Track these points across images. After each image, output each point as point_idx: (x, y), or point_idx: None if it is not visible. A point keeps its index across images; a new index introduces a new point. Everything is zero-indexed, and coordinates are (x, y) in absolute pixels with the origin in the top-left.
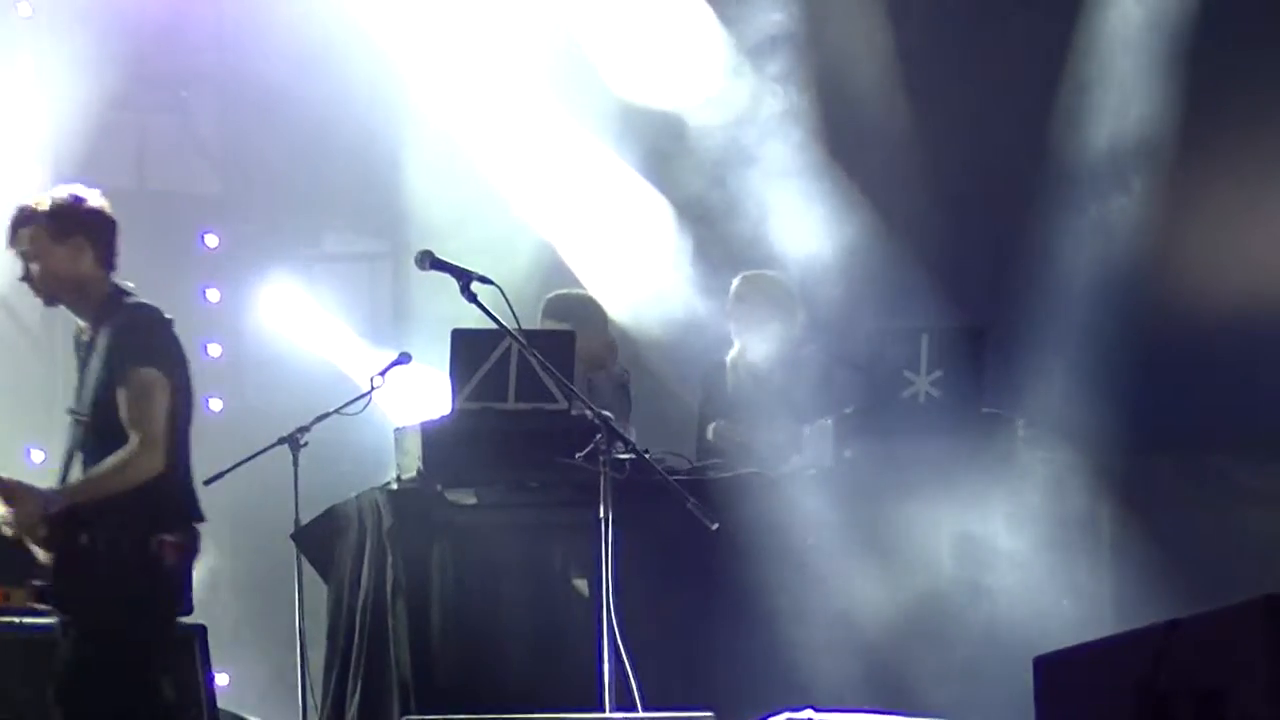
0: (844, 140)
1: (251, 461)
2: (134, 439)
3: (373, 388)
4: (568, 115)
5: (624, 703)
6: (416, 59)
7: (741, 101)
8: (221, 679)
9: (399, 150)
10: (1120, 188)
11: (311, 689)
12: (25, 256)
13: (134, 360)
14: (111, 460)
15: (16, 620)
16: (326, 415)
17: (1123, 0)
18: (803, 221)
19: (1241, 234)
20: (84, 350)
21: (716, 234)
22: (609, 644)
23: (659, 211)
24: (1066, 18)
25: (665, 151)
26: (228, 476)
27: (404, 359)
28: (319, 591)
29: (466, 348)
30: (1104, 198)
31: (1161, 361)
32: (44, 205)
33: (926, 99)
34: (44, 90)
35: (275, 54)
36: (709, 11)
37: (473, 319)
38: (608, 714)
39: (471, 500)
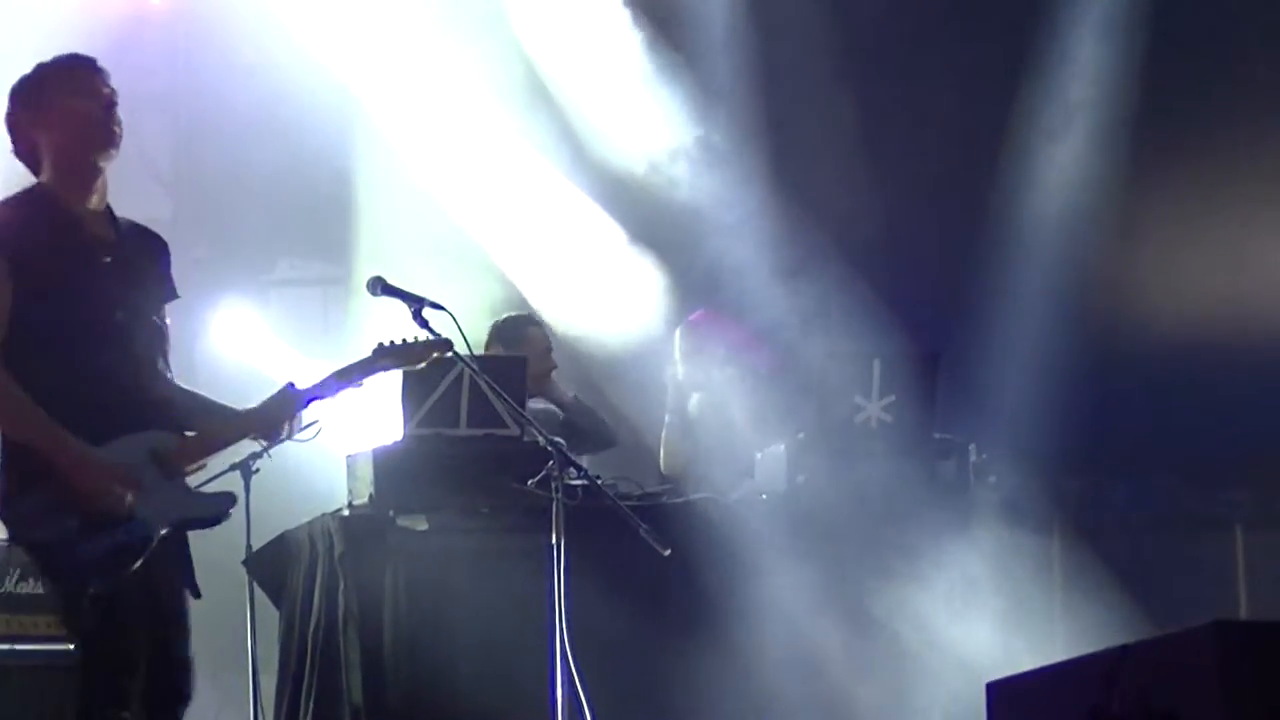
0: (794, 164)
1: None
2: None
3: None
4: (522, 141)
5: None
6: (370, 84)
7: (688, 127)
8: None
9: (352, 175)
10: (1071, 213)
11: (263, 714)
12: None
13: None
14: None
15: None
16: (279, 441)
17: (1076, 24)
18: (752, 247)
19: (1192, 258)
20: None
21: (668, 261)
22: (561, 669)
23: (612, 238)
24: (1020, 41)
25: (617, 178)
26: None
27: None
28: (271, 617)
29: (418, 374)
30: (1055, 222)
31: (1113, 385)
32: None
33: (877, 123)
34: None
35: (228, 78)
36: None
37: None
38: None
39: (423, 526)
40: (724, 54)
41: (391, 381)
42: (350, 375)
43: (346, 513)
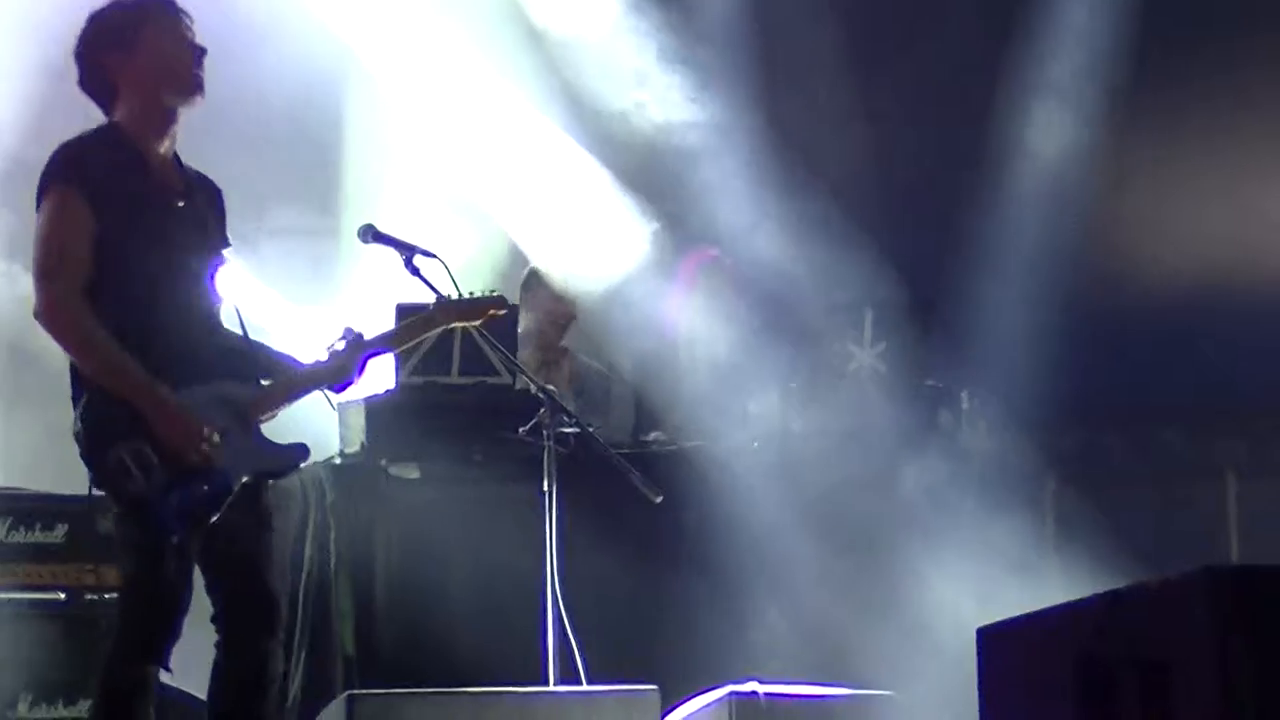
0: (787, 113)
1: None
2: None
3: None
4: (510, 86)
5: (568, 676)
6: (358, 30)
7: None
8: None
9: (341, 122)
10: (1065, 160)
11: None
12: None
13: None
14: None
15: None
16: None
17: None
18: (745, 196)
19: (1186, 205)
20: None
21: (660, 211)
22: (553, 618)
23: (600, 183)
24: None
25: (607, 123)
26: None
27: (349, 333)
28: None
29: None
30: (1049, 170)
31: (1105, 334)
32: None
33: (871, 72)
34: None
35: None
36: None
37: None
38: (552, 688)
39: (415, 474)
40: (718, 4)
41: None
42: (412, 331)
43: (338, 461)
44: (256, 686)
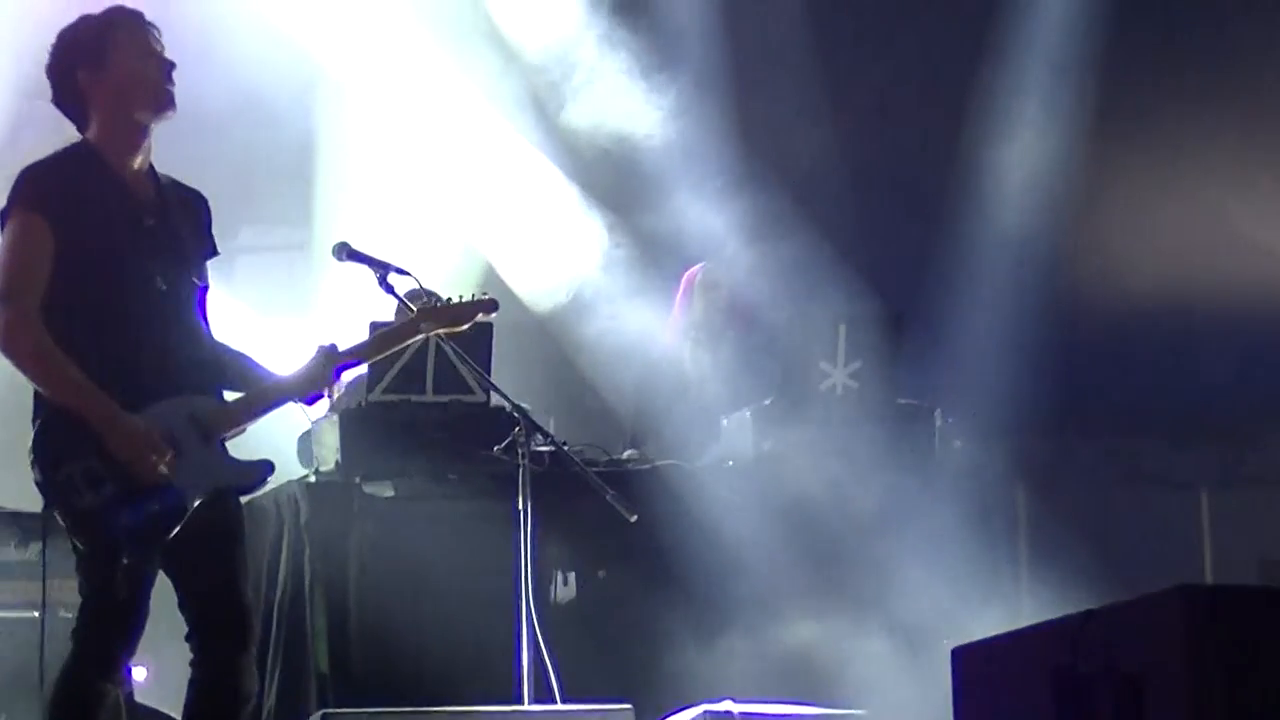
0: (759, 127)
1: None
2: None
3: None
4: (483, 103)
5: (542, 695)
6: (329, 46)
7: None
8: (139, 673)
9: (314, 140)
10: (1036, 174)
11: None
12: None
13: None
14: None
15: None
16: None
17: None
18: (718, 210)
19: (1155, 221)
20: None
21: (631, 225)
22: (528, 636)
23: (571, 199)
24: (984, 9)
25: (577, 144)
26: None
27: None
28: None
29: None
30: (1021, 183)
31: (1076, 349)
32: None
33: (842, 85)
34: None
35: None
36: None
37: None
38: (526, 706)
39: (390, 492)
40: (688, 12)
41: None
42: (391, 339)
43: (312, 479)
44: (231, 703)
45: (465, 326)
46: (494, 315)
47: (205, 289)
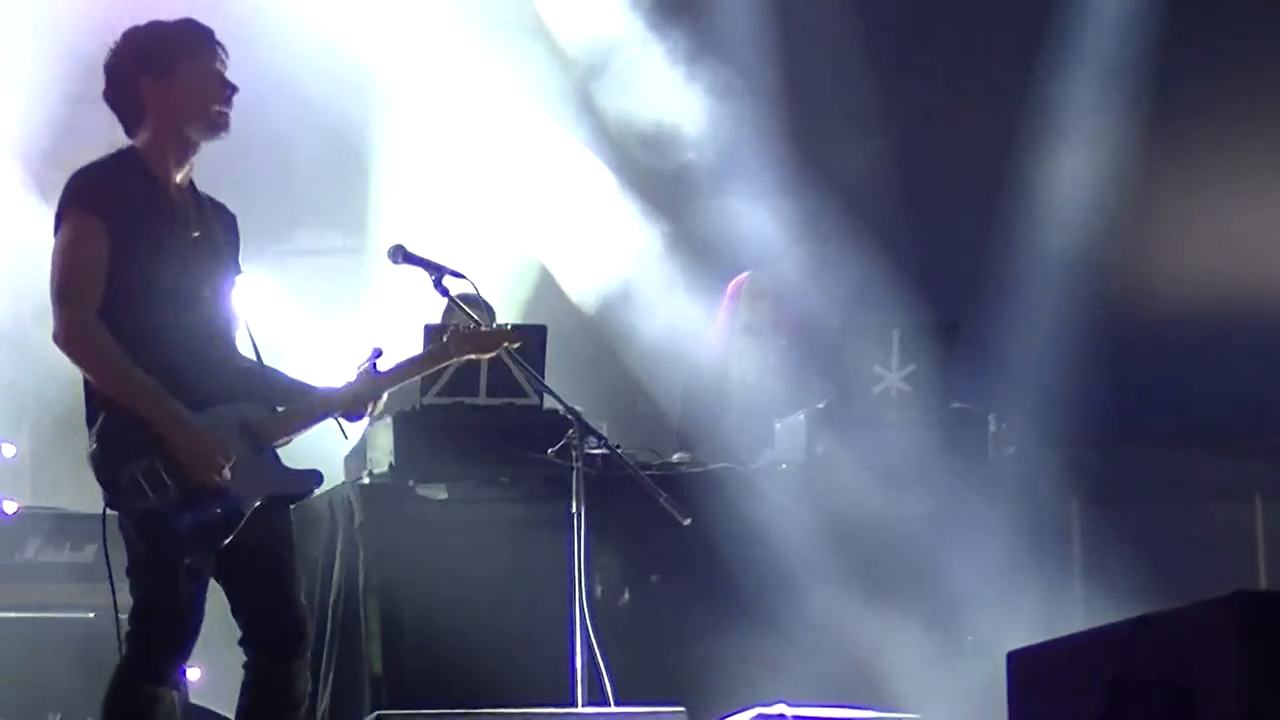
0: (813, 136)
1: None
2: None
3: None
4: (536, 105)
5: (595, 697)
6: (383, 50)
7: (710, 99)
8: (194, 674)
9: (368, 143)
10: (1088, 182)
11: None
12: None
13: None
14: None
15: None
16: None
17: None
18: (774, 218)
19: (1208, 230)
20: None
21: (685, 231)
22: (581, 638)
23: (623, 203)
24: (1043, 10)
25: (635, 151)
26: None
27: (378, 354)
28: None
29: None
30: (1073, 193)
31: (1131, 356)
32: None
33: (896, 94)
34: (9, 85)
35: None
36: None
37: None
38: (579, 709)
39: (443, 495)
40: (742, 19)
41: (410, 347)
42: (423, 362)
43: (366, 482)
44: (284, 707)
45: (491, 354)
46: (516, 345)
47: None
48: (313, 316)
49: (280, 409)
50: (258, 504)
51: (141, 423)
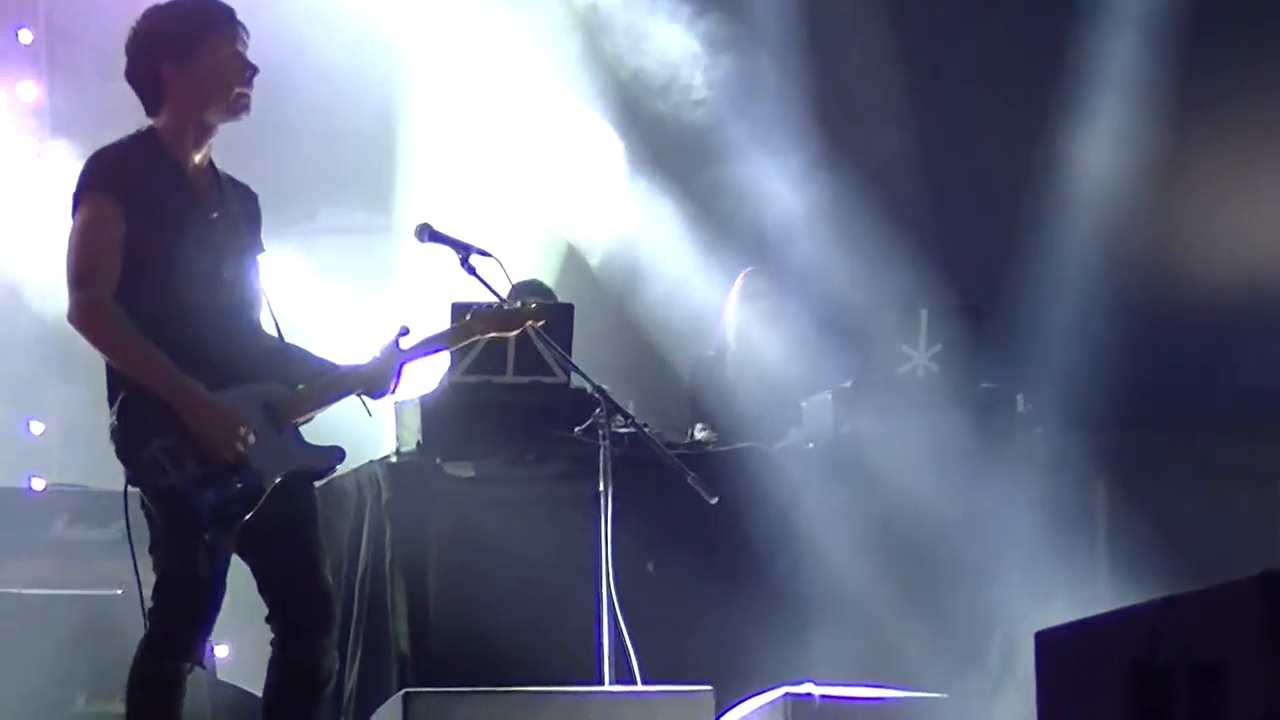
0: (839, 116)
1: None
2: None
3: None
4: (561, 82)
5: (622, 676)
6: (408, 26)
7: (740, 79)
8: (221, 651)
9: (394, 120)
10: (1117, 163)
11: None
12: None
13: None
14: None
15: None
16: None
17: None
18: (800, 199)
19: (1237, 208)
20: None
21: (712, 215)
22: (608, 617)
23: (655, 191)
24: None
25: (659, 129)
26: None
27: (404, 332)
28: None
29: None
30: (1101, 172)
31: (1157, 338)
32: None
33: (922, 72)
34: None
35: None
36: None
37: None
38: (606, 687)
39: (470, 473)
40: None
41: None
42: (447, 339)
43: (393, 459)
44: (311, 684)
45: (515, 332)
46: (541, 323)
47: (257, 275)
48: (339, 295)
49: (302, 386)
50: (279, 480)
51: (160, 400)
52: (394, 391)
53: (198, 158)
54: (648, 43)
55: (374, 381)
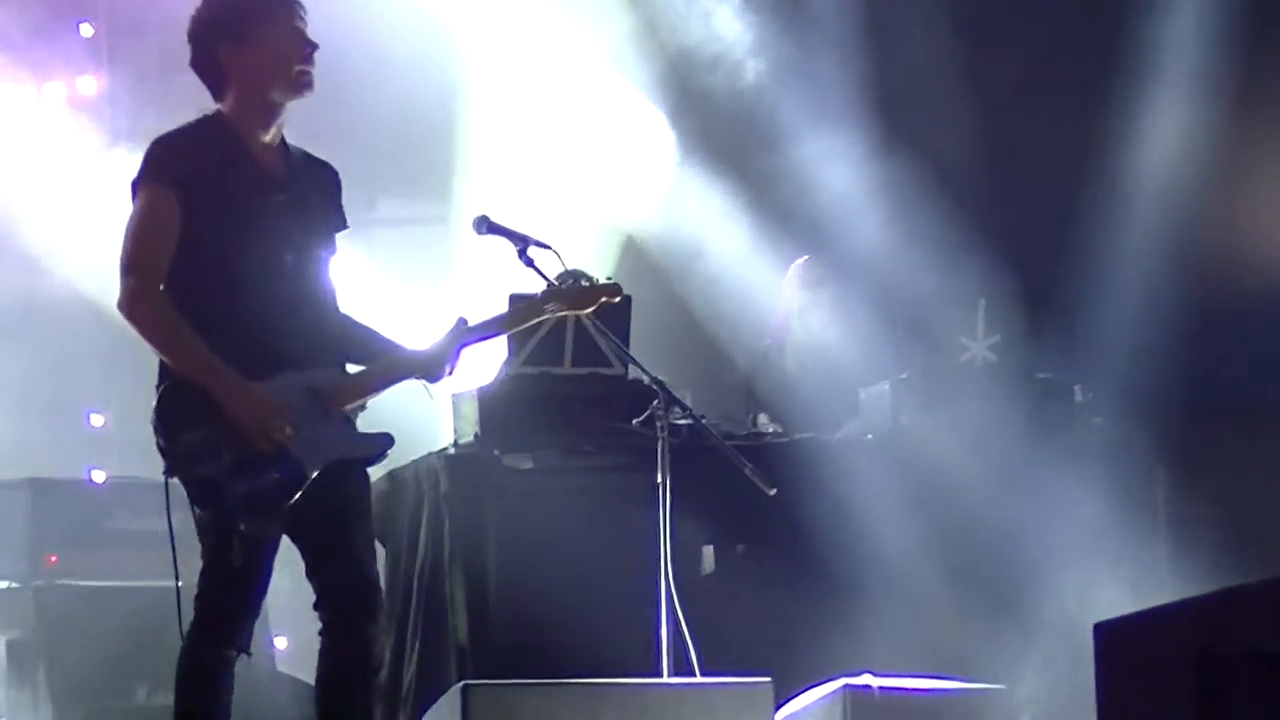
0: (900, 103)
1: None
2: None
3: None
4: (618, 74)
5: (681, 668)
6: (468, 18)
7: (797, 64)
8: (280, 643)
9: (453, 111)
10: (1178, 154)
11: None
12: None
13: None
14: None
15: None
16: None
17: None
18: (860, 187)
19: None
20: None
21: (772, 203)
22: (667, 610)
23: (714, 181)
24: None
25: (719, 116)
26: None
27: (461, 323)
28: (377, 556)
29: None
30: (1163, 162)
31: (1217, 325)
32: None
33: (984, 60)
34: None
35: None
36: None
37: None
38: (665, 679)
39: (528, 465)
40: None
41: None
42: (516, 319)
43: (452, 451)
44: (360, 671)
45: (590, 309)
46: (618, 299)
47: (330, 255)
48: (396, 286)
49: (352, 371)
50: (329, 466)
51: (199, 391)
52: (451, 374)
53: (266, 138)
54: (700, 21)
55: (430, 366)
